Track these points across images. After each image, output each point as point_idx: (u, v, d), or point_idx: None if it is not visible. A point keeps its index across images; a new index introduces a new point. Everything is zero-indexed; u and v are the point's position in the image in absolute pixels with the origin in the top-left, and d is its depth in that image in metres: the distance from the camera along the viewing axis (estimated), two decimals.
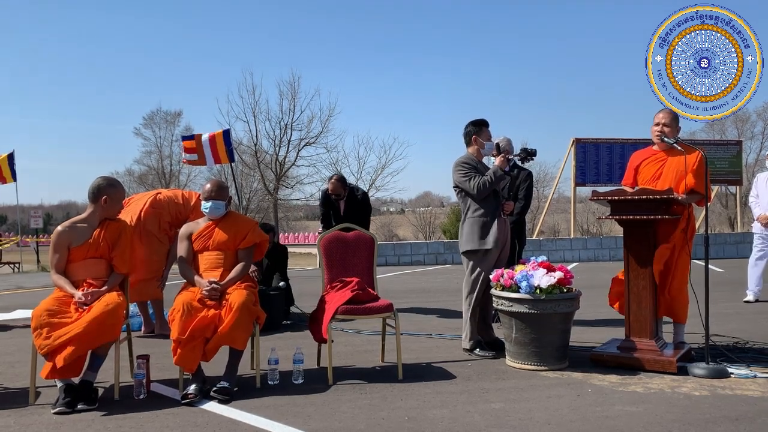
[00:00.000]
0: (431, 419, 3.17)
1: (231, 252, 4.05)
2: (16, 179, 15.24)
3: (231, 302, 3.69)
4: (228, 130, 9.63)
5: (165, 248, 5.57)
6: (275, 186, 28.76)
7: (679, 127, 4.50)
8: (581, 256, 15.53)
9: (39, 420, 3.24)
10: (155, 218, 5.47)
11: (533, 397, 3.53)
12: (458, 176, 4.67)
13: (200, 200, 4.17)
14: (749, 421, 3.08)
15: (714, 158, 16.21)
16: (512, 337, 4.16)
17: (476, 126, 4.75)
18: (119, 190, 3.95)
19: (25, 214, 26.84)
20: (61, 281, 3.74)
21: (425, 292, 9.10)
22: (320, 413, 3.29)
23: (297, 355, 3.94)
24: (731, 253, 15.43)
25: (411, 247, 15.72)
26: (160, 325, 5.62)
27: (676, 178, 4.34)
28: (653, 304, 4.18)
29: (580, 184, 15.99)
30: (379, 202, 35.75)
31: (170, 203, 5.56)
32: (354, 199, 6.78)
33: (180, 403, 3.47)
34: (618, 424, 3.05)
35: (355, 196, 6.80)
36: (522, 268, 4.15)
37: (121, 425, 3.15)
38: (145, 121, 39.51)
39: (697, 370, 3.91)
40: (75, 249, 3.77)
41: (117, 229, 3.89)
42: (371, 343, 5.07)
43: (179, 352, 3.55)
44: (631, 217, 4.12)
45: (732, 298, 7.41)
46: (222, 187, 4.10)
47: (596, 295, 7.67)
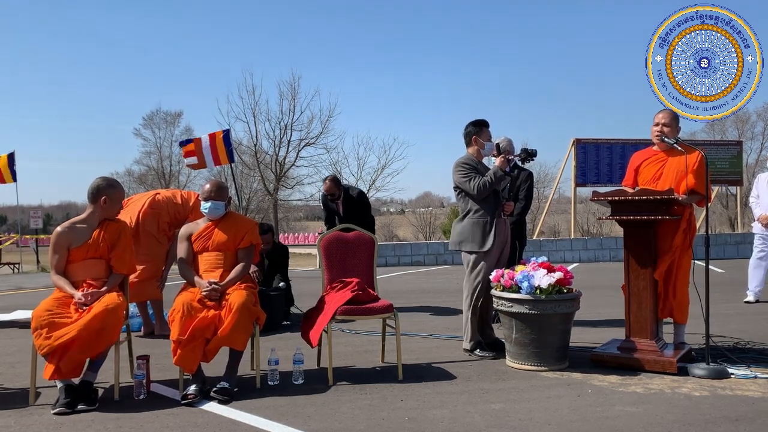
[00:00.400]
0: (431, 419, 3.16)
1: (231, 252, 4.04)
2: (16, 180, 15.24)
3: (231, 303, 3.69)
4: (228, 130, 9.64)
5: (164, 249, 5.56)
6: (275, 186, 28.78)
7: (679, 127, 4.50)
8: (581, 257, 15.52)
9: (39, 420, 3.24)
10: (154, 219, 5.47)
11: (533, 397, 3.53)
12: (458, 177, 4.67)
13: (199, 200, 4.16)
14: (749, 421, 3.08)
15: (714, 158, 16.20)
16: (512, 337, 4.16)
17: (476, 126, 4.75)
18: (118, 191, 3.95)
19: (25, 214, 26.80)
20: (60, 282, 3.73)
21: (425, 292, 9.09)
22: (320, 414, 3.29)
23: (297, 355, 3.94)
24: (731, 254, 15.42)
25: (411, 247, 15.72)
26: (160, 326, 5.61)
27: (676, 178, 4.34)
28: (653, 304, 4.18)
29: (581, 184, 15.98)
30: (379, 202, 35.74)
31: (169, 204, 5.56)
32: (350, 199, 6.78)
33: (180, 404, 3.48)
34: (618, 425, 3.05)
35: (351, 196, 6.80)
36: (522, 269, 4.15)
37: (121, 425, 3.15)
38: (145, 122, 39.44)
39: (698, 370, 3.91)
40: (74, 250, 3.77)
41: (116, 229, 3.89)
42: (371, 344, 5.06)
43: (179, 352, 3.55)
44: (632, 217, 4.12)
45: (732, 299, 7.40)
46: (221, 188, 4.09)
47: (596, 296, 7.67)
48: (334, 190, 6.74)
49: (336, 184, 6.78)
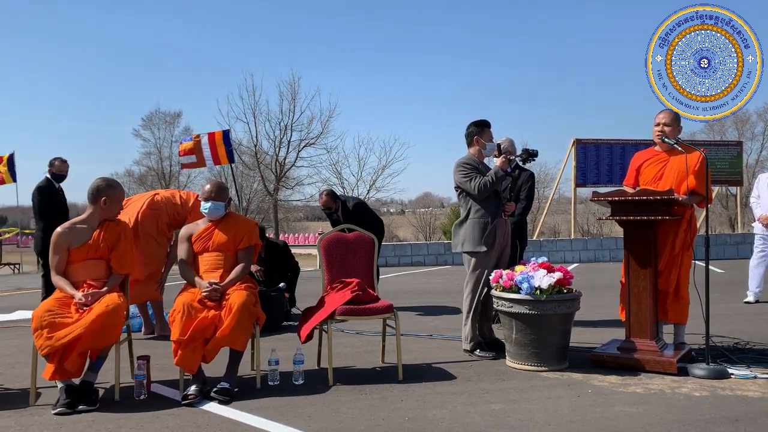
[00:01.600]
0: (431, 420, 3.17)
1: (231, 253, 4.05)
2: (16, 180, 15.23)
3: (231, 303, 3.69)
4: (228, 130, 9.64)
5: (163, 250, 5.56)
6: (275, 187, 28.78)
7: (680, 127, 4.50)
8: (581, 257, 15.52)
9: (39, 420, 3.25)
10: (153, 219, 5.46)
11: (533, 397, 3.53)
12: (459, 177, 4.67)
13: (199, 201, 4.15)
14: (749, 421, 3.08)
15: (714, 159, 16.19)
16: (512, 337, 4.16)
17: (478, 126, 4.76)
18: (118, 191, 3.95)
19: (25, 214, 26.83)
20: (61, 282, 3.74)
21: (425, 292, 9.09)
22: (320, 414, 3.29)
23: (297, 355, 3.95)
24: (731, 254, 15.42)
25: (411, 247, 15.72)
26: (160, 326, 5.62)
27: (677, 178, 4.34)
28: (653, 304, 4.18)
29: (581, 184, 15.97)
30: (380, 202, 35.71)
31: (168, 204, 5.55)
32: (347, 210, 6.78)
33: (180, 404, 3.48)
34: (618, 425, 3.05)
35: (348, 208, 6.80)
36: (522, 269, 4.15)
37: (121, 426, 3.15)
38: (144, 122, 39.45)
39: (698, 370, 3.91)
40: (74, 250, 3.78)
41: (117, 230, 3.89)
42: (371, 344, 5.06)
43: (180, 353, 3.55)
44: (632, 218, 4.12)
45: (732, 299, 7.40)
46: (221, 188, 4.10)
47: (596, 296, 7.67)
48: (330, 204, 6.72)
49: (332, 197, 6.74)
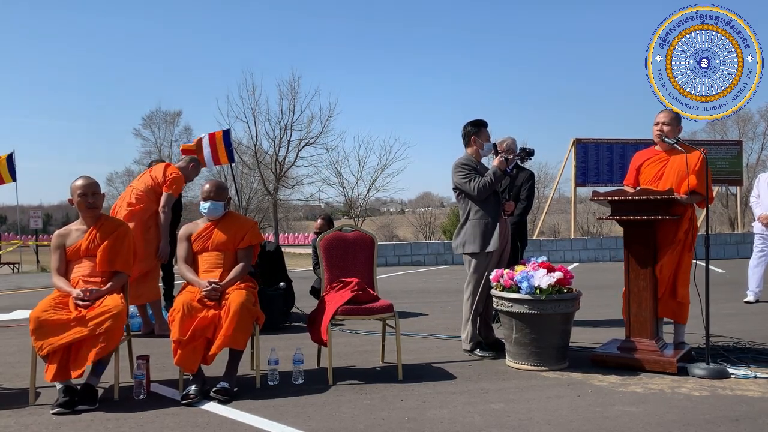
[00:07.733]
0: (431, 419, 3.16)
1: (230, 252, 4.05)
2: (15, 180, 15.24)
3: (230, 303, 3.69)
4: (228, 130, 9.63)
5: (153, 247, 5.54)
6: (275, 186, 28.74)
7: (680, 127, 4.50)
8: (581, 257, 15.52)
9: (39, 420, 3.24)
10: (135, 217, 5.45)
11: (533, 397, 3.53)
12: (458, 178, 4.67)
13: (172, 168, 4.07)
14: (749, 421, 3.08)
15: (714, 158, 16.19)
16: (512, 337, 4.16)
17: (475, 126, 4.75)
18: (84, 186, 3.82)
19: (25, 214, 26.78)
20: (60, 282, 3.74)
21: (425, 292, 9.09)
22: (320, 413, 3.29)
23: (297, 355, 3.94)
24: (731, 254, 15.42)
25: (411, 247, 15.72)
26: (160, 326, 5.61)
27: (677, 178, 4.34)
28: (653, 304, 4.17)
29: (581, 184, 15.98)
30: (380, 202, 35.72)
31: (148, 192, 5.56)
32: None
33: (180, 404, 3.47)
34: (618, 425, 3.05)
35: None
36: (522, 269, 4.15)
37: (121, 425, 3.15)
38: (145, 122, 39.46)
39: (698, 370, 3.91)
40: (69, 249, 3.81)
41: (112, 228, 3.88)
42: (371, 344, 5.06)
43: (180, 352, 3.55)
44: (632, 217, 4.12)
45: (732, 299, 7.40)
46: (221, 188, 4.10)
47: (596, 296, 7.67)
48: (325, 229, 6.76)
49: (327, 223, 6.81)
